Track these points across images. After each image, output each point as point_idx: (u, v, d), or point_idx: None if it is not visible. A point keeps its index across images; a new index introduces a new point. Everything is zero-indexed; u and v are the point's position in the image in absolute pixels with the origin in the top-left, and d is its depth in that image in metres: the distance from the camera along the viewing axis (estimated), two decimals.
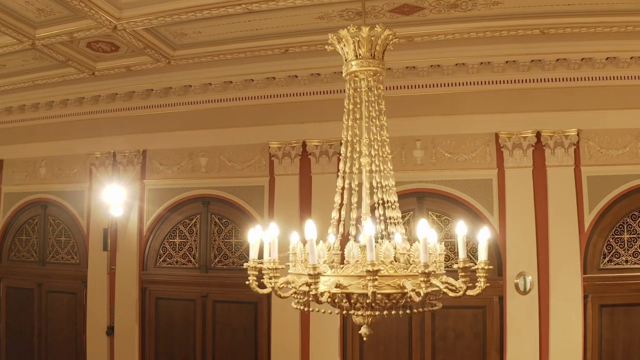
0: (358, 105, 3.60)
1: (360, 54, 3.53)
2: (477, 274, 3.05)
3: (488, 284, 3.13)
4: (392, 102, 7.48)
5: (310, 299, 2.97)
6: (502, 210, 7.08)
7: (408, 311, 3.23)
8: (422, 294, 2.77)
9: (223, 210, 8.62)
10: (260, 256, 3.17)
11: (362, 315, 3.05)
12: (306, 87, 8.02)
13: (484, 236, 3.12)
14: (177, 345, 8.58)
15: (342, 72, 7.70)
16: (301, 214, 8.00)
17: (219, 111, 8.57)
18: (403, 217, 7.41)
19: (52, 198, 9.67)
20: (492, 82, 7.11)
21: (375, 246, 3.05)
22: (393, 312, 3.12)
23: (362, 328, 3.12)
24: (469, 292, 3.06)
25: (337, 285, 2.91)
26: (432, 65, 7.26)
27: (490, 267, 3.16)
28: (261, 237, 3.09)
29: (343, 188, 3.53)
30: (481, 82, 7.17)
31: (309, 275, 2.77)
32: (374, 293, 2.74)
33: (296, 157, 8.12)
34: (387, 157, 3.58)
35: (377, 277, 2.72)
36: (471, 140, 7.30)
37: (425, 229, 2.75)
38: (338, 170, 7.72)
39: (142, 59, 7.70)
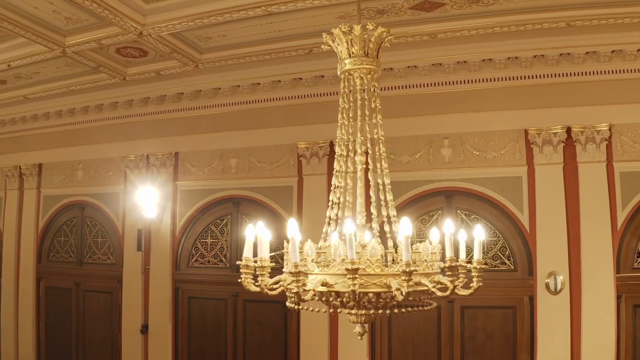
0: (352, 104, 3.58)
1: (353, 53, 3.52)
2: (472, 274, 3.02)
3: (481, 284, 3.10)
4: (419, 100, 7.58)
5: (296, 297, 2.98)
6: (532, 208, 6.93)
7: (403, 310, 3.22)
8: (404, 293, 2.76)
9: (253, 211, 8.72)
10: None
11: (355, 314, 3.05)
12: (333, 87, 8.03)
13: (479, 235, 3.08)
14: (208, 344, 8.74)
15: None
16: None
17: (248, 112, 8.68)
18: (431, 216, 7.53)
19: (89, 200, 9.98)
20: (520, 77, 6.97)
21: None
22: (388, 311, 3.10)
23: (356, 327, 3.12)
24: (463, 292, 3.03)
25: (324, 284, 2.92)
26: (458, 62, 7.17)
27: (485, 265, 3.13)
28: (255, 235, 3.10)
29: (344, 187, 3.50)
30: (509, 78, 7.04)
31: (291, 273, 2.80)
32: (353, 292, 2.75)
33: (324, 157, 8.15)
34: (382, 155, 3.55)
35: (357, 275, 2.72)
36: (500, 137, 7.18)
37: (407, 227, 2.73)
38: (365, 169, 7.85)
39: (171, 63, 7.87)
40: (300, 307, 3.16)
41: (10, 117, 10.28)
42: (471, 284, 3.07)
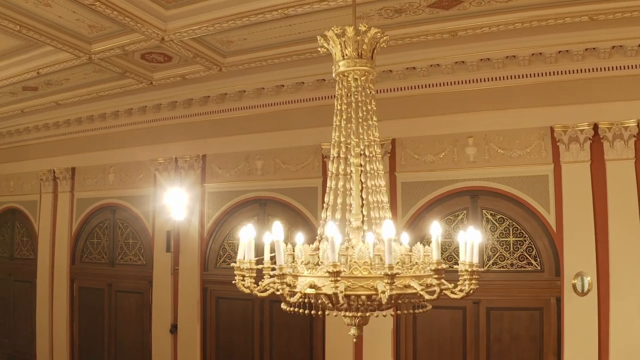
0: (346, 106, 3.57)
1: (346, 55, 3.51)
2: (461, 276, 3.00)
3: (474, 287, 3.06)
4: (442, 99, 7.51)
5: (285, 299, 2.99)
6: (558, 207, 6.77)
7: (399, 312, 3.20)
8: (386, 296, 2.75)
9: (279, 212, 8.78)
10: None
11: (349, 316, 3.05)
12: None
13: (473, 237, 3.04)
14: (236, 344, 8.84)
15: (390, 71, 7.76)
16: None
17: (273, 114, 8.75)
18: (456, 216, 7.46)
19: (121, 202, 10.22)
20: (545, 73, 6.81)
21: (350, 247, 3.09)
22: (384, 313, 3.09)
23: (351, 329, 3.12)
24: (453, 296, 3.00)
25: (312, 286, 2.92)
26: (481, 60, 7.07)
27: (481, 269, 3.09)
28: (251, 237, 3.12)
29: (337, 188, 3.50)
30: (533, 74, 6.89)
31: (276, 275, 2.82)
32: (335, 294, 2.75)
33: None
34: (377, 157, 3.54)
35: (339, 278, 2.72)
36: (525, 135, 7.04)
37: (390, 229, 2.72)
38: (390, 170, 7.81)
39: (195, 67, 7.99)
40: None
41: (43, 122, 10.61)
42: (463, 287, 3.03)
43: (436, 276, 2.78)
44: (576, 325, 6.42)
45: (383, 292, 2.75)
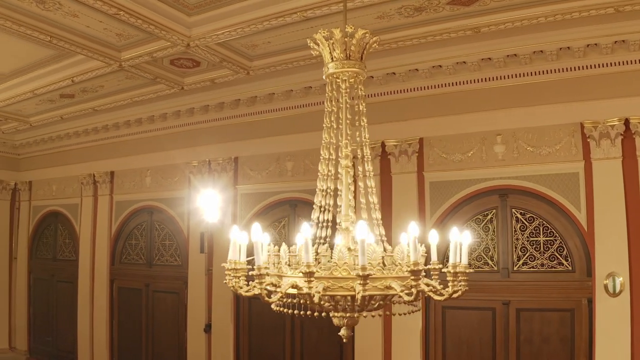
0: (336, 108, 3.57)
1: (334, 57, 3.51)
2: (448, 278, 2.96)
3: (461, 289, 3.02)
4: (469, 97, 7.41)
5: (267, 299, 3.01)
6: (589, 205, 6.57)
7: (388, 313, 3.18)
8: (359, 296, 2.74)
9: (309, 213, 8.77)
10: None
11: (338, 317, 3.05)
12: (382, 88, 8.02)
13: (465, 239, 3.00)
14: (268, 343, 8.93)
15: (417, 69, 7.71)
16: (382, 214, 7.99)
17: (302, 116, 8.80)
18: (485, 216, 7.34)
19: (157, 205, 10.47)
20: (574, 68, 6.62)
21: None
22: (373, 314, 3.08)
23: (341, 330, 3.13)
24: (436, 297, 2.96)
25: (294, 286, 2.94)
26: (507, 56, 6.93)
27: (471, 270, 3.05)
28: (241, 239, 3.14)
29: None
30: (562, 69, 6.71)
31: (256, 275, 2.84)
32: (309, 294, 2.75)
33: (376, 158, 8.11)
34: (368, 158, 3.52)
35: (313, 278, 2.73)
36: (554, 131, 6.86)
37: (363, 230, 2.70)
38: (418, 170, 7.76)
39: (223, 71, 8.13)
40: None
41: (83, 128, 10.98)
42: (446, 288, 3.00)
43: (413, 277, 2.75)
44: (608, 327, 6.22)
45: (358, 292, 2.74)
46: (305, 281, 2.74)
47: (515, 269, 7.05)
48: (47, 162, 12.06)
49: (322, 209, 3.45)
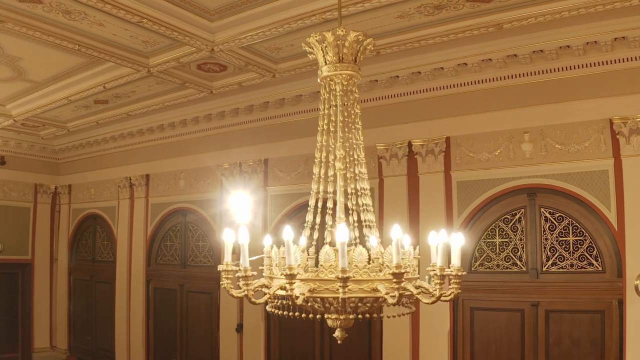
0: (333, 109, 3.60)
1: (327, 60, 3.54)
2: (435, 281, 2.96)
3: (450, 294, 3.01)
4: (496, 94, 7.34)
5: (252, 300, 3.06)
6: (620, 204, 6.38)
7: (376, 315, 3.19)
8: (339, 299, 2.76)
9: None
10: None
11: (332, 318, 3.08)
12: (408, 87, 8.01)
13: (458, 241, 2.99)
14: (298, 343, 9.02)
15: (442, 68, 7.67)
16: (410, 214, 8.01)
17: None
18: (514, 215, 7.25)
19: (191, 207, 10.70)
20: (601, 63, 6.44)
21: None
22: (367, 316, 3.09)
23: (335, 331, 3.15)
24: (426, 301, 2.96)
25: (282, 288, 2.97)
26: (534, 52, 6.82)
27: (464, 273, 3.04)
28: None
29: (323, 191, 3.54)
30: (589, 64, 6.55)
31: (241, 277, 2.90)
32: (291, 296, 2.79)
33: (403, 158, 8.11)
34: (362, 161, 3.54)
35: (294, 280, 2.76)
36: (583, 128, 6.71)
37: (343, 233, 2.70)
38: (445, 170, 7.72)
39: (250, 75, 8.26)
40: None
41: (119, 132, 11.33)
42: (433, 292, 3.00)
43: (395, 280, 2.76)
44: (639, 329, 6.05)
45: (340, 294, 2.77)
46: (287, 283, 2.78)
47: (544, 269, 6.93)
48: (86, 166, 12.49)
49: (316, 211, 3.47)
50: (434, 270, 3.05)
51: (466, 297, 7.44)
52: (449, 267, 3.06)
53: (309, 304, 3.01)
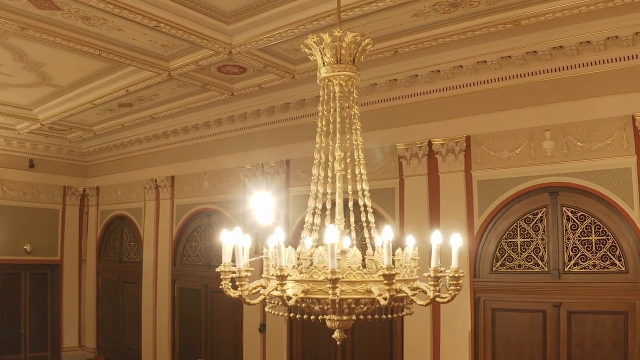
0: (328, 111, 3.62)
1: (325, 61, 3.56)
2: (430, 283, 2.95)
3: (447, 296, 3.00)
4: (516, 92, 7.29)
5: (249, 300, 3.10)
6: None
7: (377, 316, 3.20)
8: (329, 299, 2.77)
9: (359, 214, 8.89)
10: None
11: (330, 319, 3.09)
12: (428, 86, 7.99)
13: (457, 243, 2.99)
14: (320, 343, 9.07)
15: (461, 66, 7.64)
16: (430, 214, 8.00)
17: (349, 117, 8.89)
18: (535, 214, 7.17)
19: (215, 208, 10.87)
20: (623, 58, 6.33)
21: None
22: (362, 317, 3.11)
23: (335, 332, 3.18)
24: (420, 302, 2.96)
25: (277, 289, 2.99)
26: (553, 48, 6.73)
27: (462, 274, 3.03)
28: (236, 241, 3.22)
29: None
30: (610, 60, 6.44)
31: (237, 278, 2.94)
32: (282, 297, 2.83)
33: (423, 157, 8.09)
34: (361, 162, 3.55)
35: (285, 282, 2.80)
36: (605, 125, 6.59)
37: (333, 234, 2.72)
38: (465, 169, 7.69)
39: (269, 76, 8.35)
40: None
41: (144, 135, 11.57)
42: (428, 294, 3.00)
43: (386, 281, 2.77)
44: None
45: (330, 295, 2.78)
46: (278, 284, 2.82)
47: (566, 269, 6.84)
48: (113, 168, 12.80)
49: (315, 212, 3.52)
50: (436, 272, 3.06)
51: (487, 298, 7.40)
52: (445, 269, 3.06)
53: (304, 305, 3.04)
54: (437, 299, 3.04)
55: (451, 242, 3.09)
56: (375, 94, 8.52)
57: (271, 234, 3.19)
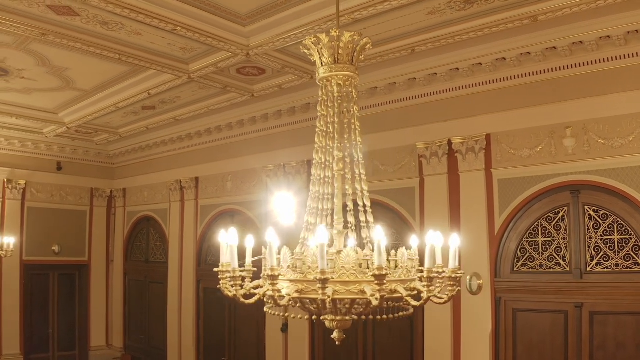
0: (329, 110, 3.64)
1: (323, 62, 3.59)
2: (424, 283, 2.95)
3: (443, 297, 3.01)
4: (535, 88, 7.23)
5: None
6: None
7: (379, 317, 3.22)
8: (319, 300, 2.79)
9: (380, 214, 8.72)
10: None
11: (329, 319, 3.12)
12: (447, 84, 7.97)
13: (455, 242, 3.00)
14: (342, 343, 9.09)
15: (480, 63, 7.61)
16: (451, 213, 7.97)
17: (369, 117, 8.85)
18: (557, 213, 7.09)
19: (237, 208, 11.02)
20: None
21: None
22: (361, 317, 3.13)
23: (334, 332, 3.20)
24: (414, 303, 2.97)
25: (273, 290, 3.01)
26: (573, 43, 6.63)
27: (461, 274, 3.03)
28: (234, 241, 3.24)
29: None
30: (632, 55, 6.34)
31: (231, 277, 2.99)
32: (273, 296, 2.86)
33: (443, 156, 8.07)
34: (361, 162, 3.57)
35: (276, 282, 2.84)
36: (627, 121, 6.46)
37: (323, 235, 2.74)
38: (486, 167, 7.64)
39: (288, 77, 8.43)
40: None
41: (169, 137, 11.80)
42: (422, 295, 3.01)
43: (377, 282, 2.78)
44: None
45: (328, 295, 2.80)
46: (270, 284, 2.86)
47: (588, 269, 6.75)
48: (139, 170, 13.08)
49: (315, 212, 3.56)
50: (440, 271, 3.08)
51: (508, 298, 7.34)
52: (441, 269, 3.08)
53: (298, 305, 3.09)
54: (435, 300, 3.05)
55: (450, 242, 3.09)
56: (394, 93, 8.52)
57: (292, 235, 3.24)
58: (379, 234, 2.82)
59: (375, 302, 2.82)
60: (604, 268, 6.63)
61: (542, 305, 7.07)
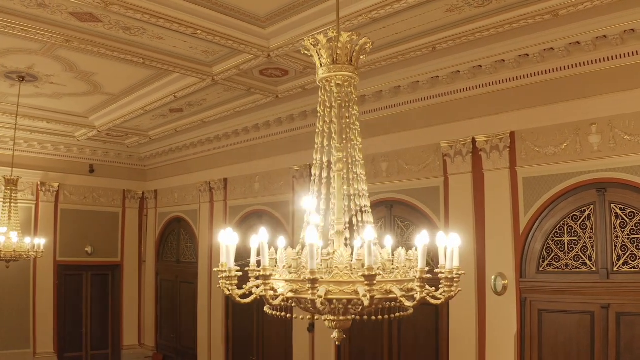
0: (329, 110, 3.67)
1: (322, 63, 3.62)
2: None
3: (441, 298, 3.01)
4: (560, 84, 7.15)
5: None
6: None
7: (373, 317, 3.23)
8: (309, 300, 2.82)
9: (405, 214, 8.93)
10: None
11: (328, 320, 3.12)
12: (469, 82, 7.92)
13: (454, 242, 3.00)
14: (367, 343, 9.14)
15: (503, 60, 7.56)
16: (475, 212, 7.93)
17: (393, 116, 8.95)
18: (583, 212, 6.99)
19: (265, 209, 11.17)
20: None
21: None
22: (359, 317, 3.14)
23: (333, 333, 3.22)
24: (408, 303, 2.97)
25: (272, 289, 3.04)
26: (597, 38, 6.54)
27: (463, 272, 3.03)
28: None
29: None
30: None
31: (225, 277, 3.05)
32: (265, 296, 2.91)
33: (467, 155, 8.03)
34: (360, 162, 3.59)
35: (268, 281, 2.87)
36: None
37: (313, 235, 2.73)
38: (510, 166, 7.60)
39: (311, 78, 8.49)
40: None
41: (197, 139, 12.03)
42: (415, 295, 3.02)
43: (367, 282, 2.78)
44: None
45: (320, 296, 2.83)
46: (262, 284, 2.91)
47: (615, 269, 6.62)
48: (169, 172, 13.37)
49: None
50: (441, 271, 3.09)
51: (534, 299, 7.26)
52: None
53: (293, 305, 3.13)
54: (431, 301, 3.06)
55: (449, 242, 3.10)
56: (417, 92, 8.52)
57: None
58: (370, 234, 2.84)
59: (366, 303, 2.82)
60: (631, 268, 6.50)
61: (568, 306, 6.96)
